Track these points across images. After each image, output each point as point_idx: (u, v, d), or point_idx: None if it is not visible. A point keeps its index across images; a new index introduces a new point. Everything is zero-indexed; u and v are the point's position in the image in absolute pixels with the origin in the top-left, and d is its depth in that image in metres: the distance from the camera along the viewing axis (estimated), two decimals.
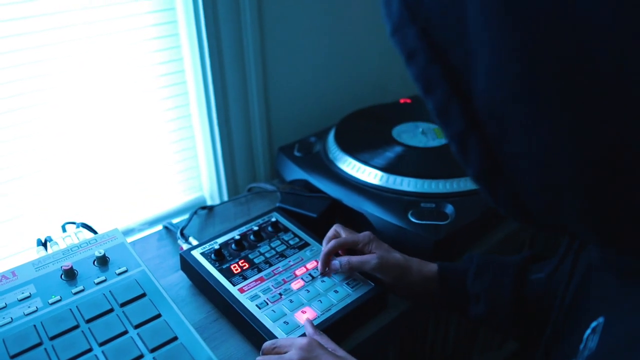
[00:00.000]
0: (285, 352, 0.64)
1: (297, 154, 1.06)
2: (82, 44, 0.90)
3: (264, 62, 1.11)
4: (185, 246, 0.88)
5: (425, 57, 0.36)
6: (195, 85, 1.06)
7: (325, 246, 0.79)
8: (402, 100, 1.25)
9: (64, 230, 0.87)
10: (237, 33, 1.04)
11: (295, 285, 0.78)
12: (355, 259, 0.77)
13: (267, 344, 0.68)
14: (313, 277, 0.80)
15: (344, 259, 0.78)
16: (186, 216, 1.08)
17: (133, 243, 0.97)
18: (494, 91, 0.34)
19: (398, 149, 1.02)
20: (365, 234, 0.80)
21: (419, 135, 1.07)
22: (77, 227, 0.87)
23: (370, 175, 0.96)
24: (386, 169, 0.95)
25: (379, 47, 1.31)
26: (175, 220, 1.03)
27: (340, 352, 0.64)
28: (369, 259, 0.76)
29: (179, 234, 0.91)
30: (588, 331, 0.43)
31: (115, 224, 1.04)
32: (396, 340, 0.94)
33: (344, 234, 0.81)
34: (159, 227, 1.05)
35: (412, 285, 0.77)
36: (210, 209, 1.04)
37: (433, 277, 0.76)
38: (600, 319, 0.42)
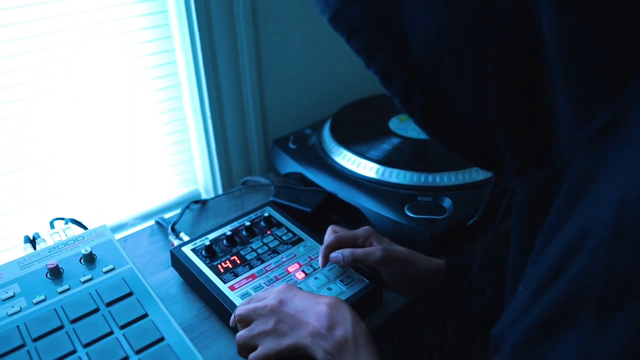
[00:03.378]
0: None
1: (292, 146, 1.04)
2: (71, 37, 0.87)
3: (258, 53, 1.08)
4: (176, 242, 0.86)
5: (369, 28, 0.43)
6: (187, 76, 1.03)
7: (326, 240, 0.77)
8: None
9: (52, 226, 0.85)
10: (230, 24, 1.01)
11: (288, 282, 0.76)
12: (359, 251, 0.75)
13: (243, 301, 0.70)
14: (306, 274, 0.78)
15: (347, 251, 0.75)
16: (180, 210, 1.07)
17: (124, 239, 0.95)
18: (429, 37, 0.41)
19: (395, 141, 0.99)
20: (365, 228, 0.78)
21: (415, 126, 1.04)
22: (66, 223, 0.85)
23: (366, 168, 0.93)
24: (382, 161, 0.93)
25: None
26: (167, 215, 1.01)
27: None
28: (374, 251, 0.74)
29: (169, 230, 0.89)
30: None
31: (108, 218, 1.03)
32: (393, 338, 0.92)
33: (342, 232, 0.79)
34: (152, 222, 1.04)
35: (416, 279, 0.75)
36: (203, 203, 1.02)
37: (439, 271, 0.75)
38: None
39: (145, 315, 0.67)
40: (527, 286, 0.38)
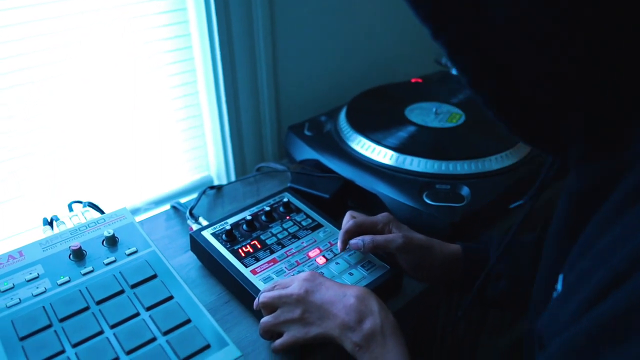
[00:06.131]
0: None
1: (307, 133, 1.04)
2: (88, 21, 0.87)
3: (274, 40, 1.07)
4: (195, 226, 0.86)
5: None
6: (203, 62, 1.03)
7: (345, 225, 0.77)
8: (413, 80, 1.23)
9: (70, 209, 0.85)
10: (247, 10, 1.01)
11: (309, 267, 0.76)
12: (380, 237, 0.75)
13: (267, 286, 0.69)
14: (327, 259, 0.78)
15: (368, 237, 0.75)
16: (193, 196, 1.07)
17: (140, 223, 0.94)
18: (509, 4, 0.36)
19: (411, 129, 1.00)
20: (384, 215, 0.78)
21: (432, 115, 1.04)
22: (84, 206, 0.85)
23: (383, 155, 0.93)
24: (400, 149, 0.93)
25: (389, 27, 1.28)
26: (182, 200, 1.01)
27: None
28: (395, 237, 0.74)
29: (188, 214, 0.89)
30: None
31: (121, 203, 1.02)
32: (409, 325, 0.92)
33: (360, 217, 0.79)
34: (166, 207, 1.03)
35: (434, 265, 0.76)
36: (219, 188, 1.02)
37: (456, 257, 0.75)
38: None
39: (171, 298, 0.67)
40: (579, 285, 0.37)
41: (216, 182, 1.15)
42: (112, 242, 0.74)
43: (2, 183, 0.88)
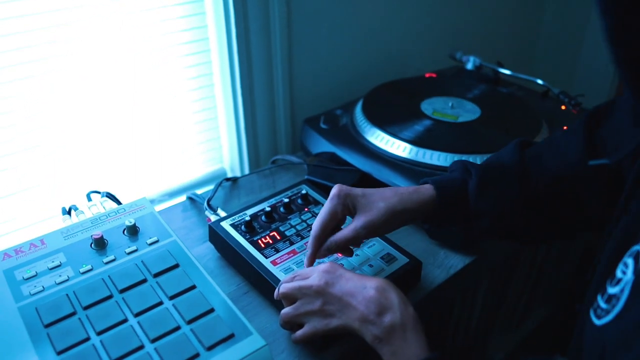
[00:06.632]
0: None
1: (323, 126, 1.04)
2: (106, 12, 0.87)
3: (290, 34, 1.07)
4: (213, 217, 0.86)
5: None
6: (219, 54, 1.03)
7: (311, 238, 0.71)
8: (427, 75, 1.23)
9: (89, 199, 0.85)
10: (264, 3, 1.01)
11: (328, 258, 0.76)
12: (334, 244, 0.70)
13: (287, 277, 0.69)
14: None
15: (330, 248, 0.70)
16: (207, 188, 1.07)
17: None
18: None
19: (427, 123, 1.00)
20: (333, 194, 0.72)
21: (448, 109, 1.04)
22: (102, 196, 0.85)
23: (400, 148, 0.93)
24: (417, 142, 0.93)
25: (402, 22, 1.28)
26: (197, 192, 1.01)
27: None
28: (353, 234, 0.69)
29: (206, 205, 0.89)
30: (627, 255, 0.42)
31: (134, 194, 1.02)
32: (427, 317, 0.92)
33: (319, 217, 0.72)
34: (180, 199, 1.04)
35: (407, 222, 0.73)
36: (235, 180, 1.02)
37: (431, 205, 0.72)
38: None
39: (194, 287, 0.67)
40: None
41: (229, 175, 1.16)
42: (133, 231, 0.74)
43: (19, 173, 0.88)
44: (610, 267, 0.49)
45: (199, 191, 1.04)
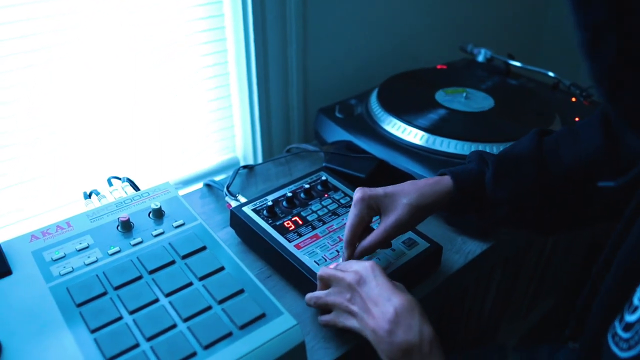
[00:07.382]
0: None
1: (338, 115, 1.04)
2: (123, 3, 0.87)
3: (305, 26, 1.08)
4: (233, 203, 0.86)
5: None
6: (235, 43, 1.03)
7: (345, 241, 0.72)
8: (438, 66, 1.24)
9: (110, 184, 0.85)
10: None
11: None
12: (366, 247, 0.71)
13: (331, 265, 0.69)
14: None
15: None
16: (222, 176, 1.07)
17: None
18: None
19: (442, 112, 1.01)
20: (357, 198, 0.72)
21: (462, 99, 1.05)
22: (123, 181, 0.85)
23: (416, 136, 0.94)
24: (432, 130, 0.94)
25: (415, 14, 1.29)
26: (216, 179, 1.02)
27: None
28: (380, 238, 0.70)
29: (226, 191, 0.89)
30: None
31: (149, 181, 1.03)
32: (443, 304, 0.93)
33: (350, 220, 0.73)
34: (195, 186, 1.04)
35: (430, 211, 0.73)
36: (251, 168, 1.03)
37: (448, 193, 0.73)
38: None
39: (222, 268, 0.67)
40: None
41: (242, 163, 1.16)
42: (158, 214, 0.74)
43: (39, 159, 0.88)
44: (624, 283, 0.48)
45: (217, 178, 1.05)
